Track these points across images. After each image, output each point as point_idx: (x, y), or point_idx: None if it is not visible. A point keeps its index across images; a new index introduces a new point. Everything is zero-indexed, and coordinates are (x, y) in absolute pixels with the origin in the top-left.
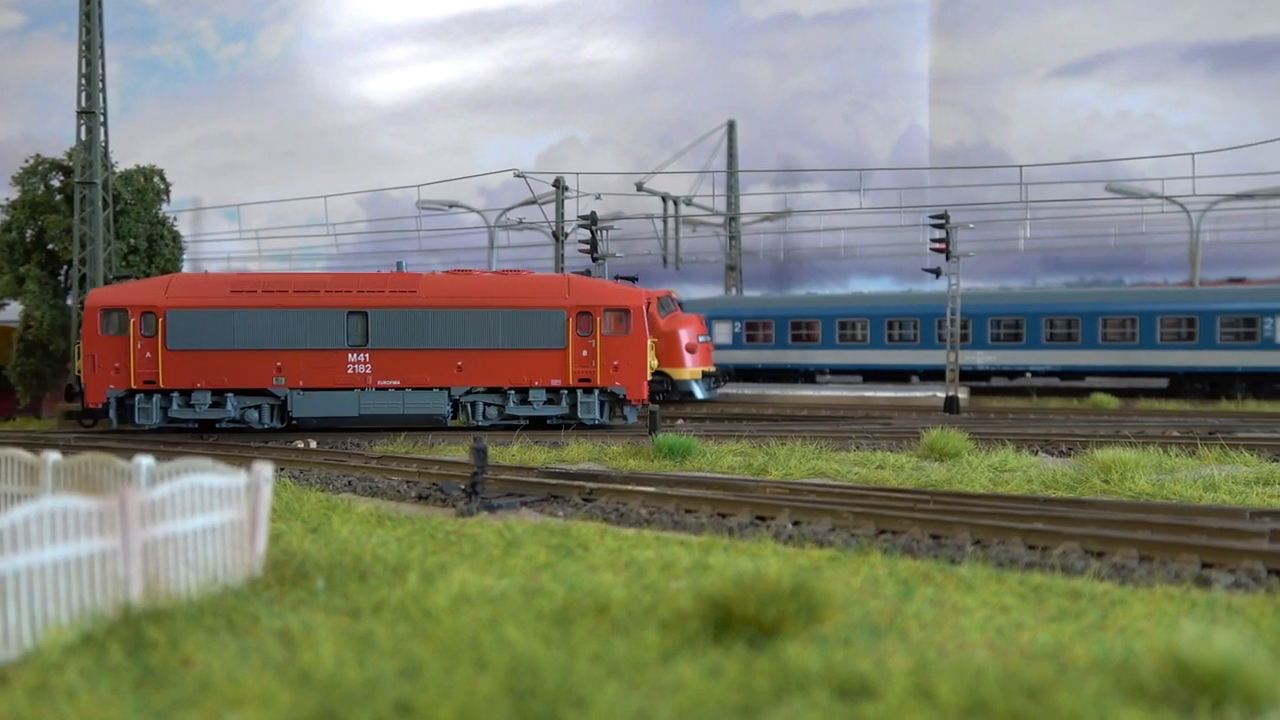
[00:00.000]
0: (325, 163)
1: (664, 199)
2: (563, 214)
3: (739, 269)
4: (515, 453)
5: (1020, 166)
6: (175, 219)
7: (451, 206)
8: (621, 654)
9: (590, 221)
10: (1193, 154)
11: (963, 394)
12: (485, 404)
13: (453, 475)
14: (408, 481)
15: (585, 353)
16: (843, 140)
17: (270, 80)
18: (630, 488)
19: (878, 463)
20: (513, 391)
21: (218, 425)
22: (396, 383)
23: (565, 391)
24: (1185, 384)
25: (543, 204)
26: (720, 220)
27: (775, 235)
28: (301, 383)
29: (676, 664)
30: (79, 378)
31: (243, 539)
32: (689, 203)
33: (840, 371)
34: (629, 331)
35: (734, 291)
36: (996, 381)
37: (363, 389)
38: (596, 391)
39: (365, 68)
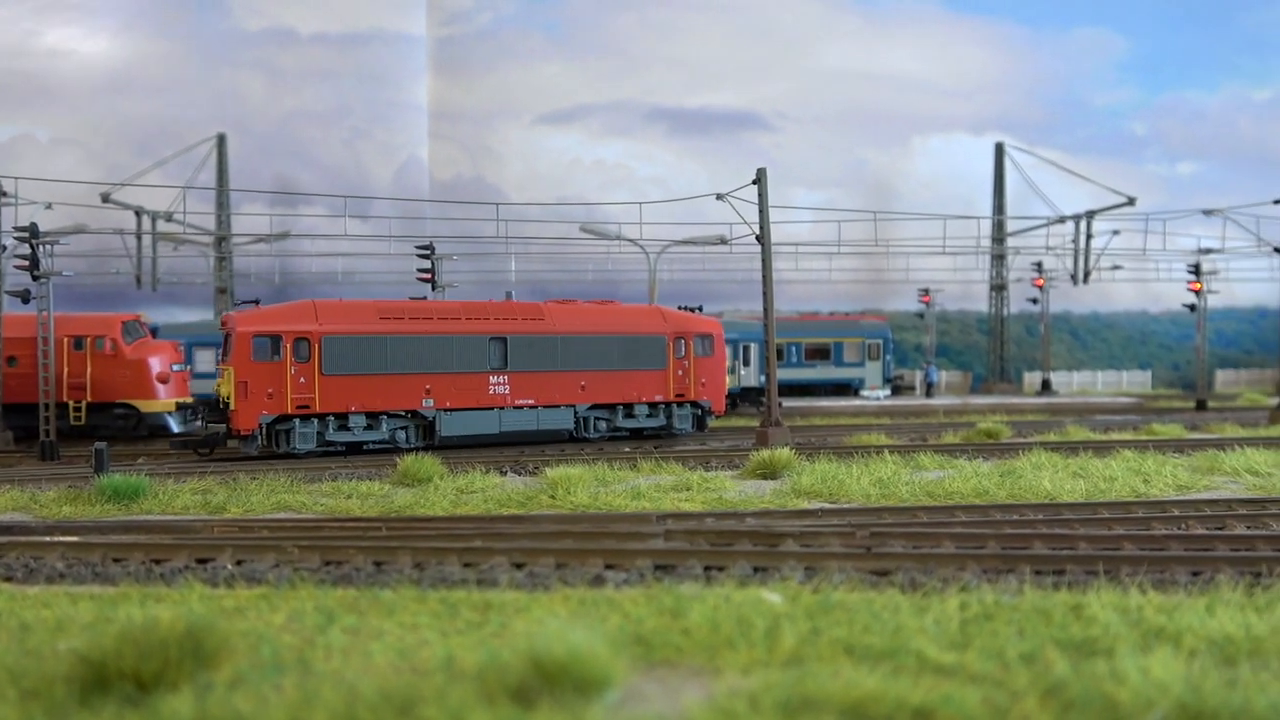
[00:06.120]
0: None
1: (138, 213)
2: None
3: (231, 292)
4: None
5: (497, 204)
6: None
7: None
8: None
9: (30, 234)
10: (640, 203)
11: None
12: (597, 418)
13: None
14: None
15: (680, 372)
16: (343, 165)
17: None
18: (50, 539)
19: (348, 492)
20: (621, 407)
21: (365, 447)
22: (531, 401)
23: (663, 406)
24: None
25: None
26: (209, 240)
27: (271, 258)
28: (448, 403)
29: None
30: (226, 404)
31: None
32: (169, 219)
33: None
34: (712, 353)
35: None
36: None
37: (502, 408)
38: (689, 405)
39: None
